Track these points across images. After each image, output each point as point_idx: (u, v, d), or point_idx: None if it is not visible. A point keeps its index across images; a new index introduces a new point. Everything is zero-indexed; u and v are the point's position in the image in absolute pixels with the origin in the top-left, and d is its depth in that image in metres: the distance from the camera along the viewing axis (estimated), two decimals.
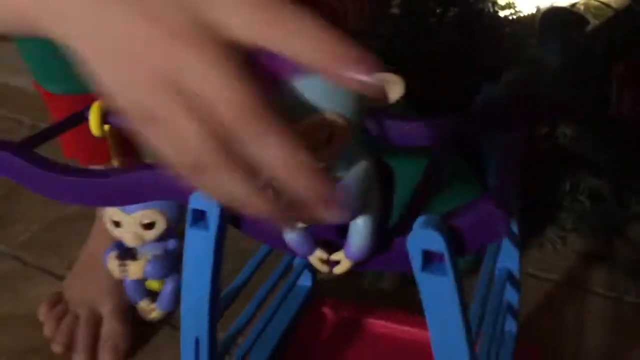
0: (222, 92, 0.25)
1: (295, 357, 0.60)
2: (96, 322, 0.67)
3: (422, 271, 0.35)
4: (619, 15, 0.81)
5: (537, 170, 0.73)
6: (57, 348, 0.65)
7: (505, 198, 0.35)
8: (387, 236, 0.36)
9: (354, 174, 0.33)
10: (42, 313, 0.69)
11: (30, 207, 0.93)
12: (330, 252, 0.38)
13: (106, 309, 0.68)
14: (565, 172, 0.75)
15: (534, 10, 0.89)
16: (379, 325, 0.62)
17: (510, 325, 0.58)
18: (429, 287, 0.36)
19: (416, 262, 0.35)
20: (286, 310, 0.63)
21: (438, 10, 0.87)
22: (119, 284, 0.67)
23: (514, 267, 0.55)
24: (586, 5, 0.91)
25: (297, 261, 0.63)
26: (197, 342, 0.44)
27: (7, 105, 1.25)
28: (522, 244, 0.55)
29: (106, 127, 0.50)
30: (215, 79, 0.25)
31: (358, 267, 0.38)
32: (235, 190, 0.27)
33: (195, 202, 0.39)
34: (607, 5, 0.89)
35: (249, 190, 0.27)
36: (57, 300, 0.70)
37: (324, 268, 0.38)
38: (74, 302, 0.69)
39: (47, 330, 0.67)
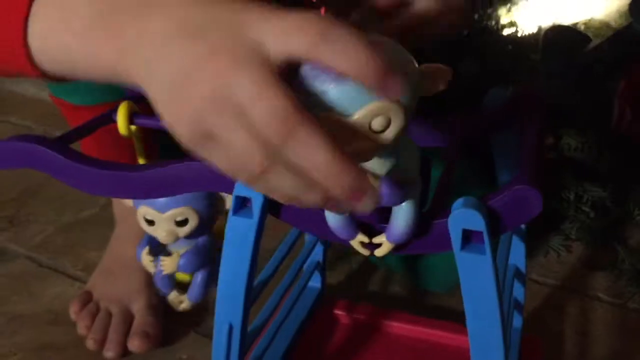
0: (272, 109, 0.28)
1: (307, 357, 0.62)
2: (128, 319, 0.68)
3: (462, 250, 0.37)
4: (621, 34, 0.84)
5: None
6: (91, 344, 0.66)
7: (537, 178, 0.38)
8: (424, 220, 0.39)
9: (408, 158, 0.35)
10: (74, 312, 0.70)
11: (44, 210, 0.95)
12: (371, 236, 0.40)
13: (138, 306, 0.69)
14: (570, 183, 0.78)
15: (535, 29, 0.93)
16: (390, 326, 0.63)
17: (517, 321, 0.60)
18: (468, 266, 0.38)
19: (456, 241, 0.37)
20: (298, 312, 0.64)
21: None
22: (149, 282, 0.69)
23: (521, 263, 0.57)
24: (587, 24, 0.96)
25: (307, 264, 0.64)
26: (230, 328, 0.45)
27: (16, 112, 1.28)
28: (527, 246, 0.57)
29: (132, 127, 0.52)
30: (266, 97, 0.28)
31: (397, 250, 0.40)
32: (289, 191, 0.31)
33: (240, 189, 0.40)
34: (607, 25, 0.94)
35: (301, 190, 0.30)
36: (87, 299, 0.71)
37: (364, 251, 0.40)
38: (105, 300, 0.70)
39: (81, 328, 0.68)
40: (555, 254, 0.79)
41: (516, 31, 0.93)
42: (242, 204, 0.41)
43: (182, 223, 0.48)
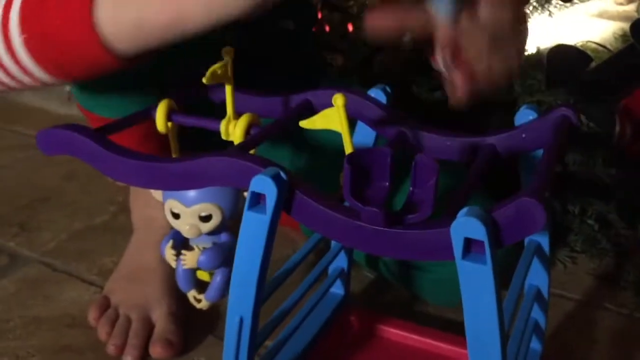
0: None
1: None
2: (148, 326, 0.69)
3: (463, 259, 0.38)
4: (622, 54, 0.86)
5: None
6: (112, 350, 0.67)
7: (543, 193, 0.38)
8: (427, 227, 0.39)
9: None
10: (93, 318, 0.71)
11: (57, 217, 0.96)
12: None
13: (158, 313, 0.70)
14: (575, 196, 0.80)
15: (535, 50, 0.97)
16: (404, 337, 0.64)
17: (535, 344, 0.59)
18: (468, 275, 0.38)
19: (457, 249, 0.38)
20: (316, 316, 0.65)
21: None
22: (170, 290, 0.72)
23: (543, 286, 0.57)
24: (583, 47, 0.97)
25: (331, 268, 0.66)
26: (241, 321, 0.46)
27: (21, 122, 1.32)
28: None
29: (169, 124, 0.55)
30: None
31: (402, 256, 0.41)
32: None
33: (256, 185, 0.42)
34: (604, 47, 0.95)
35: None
36: (105, 304, 0.72)
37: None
38: (125, 307, 0.71)
39: (101, 334, 0.69)
40: (562, 265, 0.81)
41: None
42: (257, 199, 0.43)
43: (206, 219, 0.50)
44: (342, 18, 1.08)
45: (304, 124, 0.48)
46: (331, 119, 0.47)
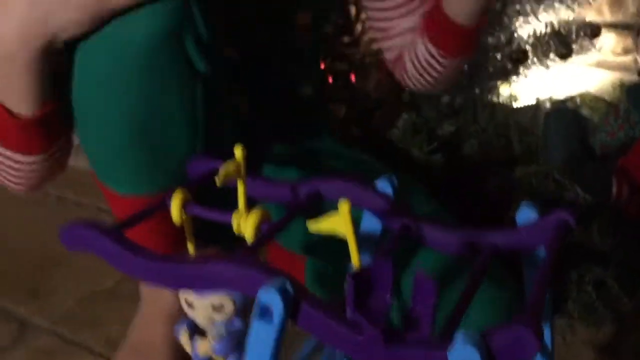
0: None
1: None
2: None
3: None
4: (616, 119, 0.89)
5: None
6: None
7: (537, 321, 0.40)
8: (425, 349, 0.41)
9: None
10: None
11: (65, 280, 0.97)
12: None
13: None
14: (572, 263, 0.81)
15: (534, 101, 1.00)
16: None
17: None
18: None
19: None
20: None
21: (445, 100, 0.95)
22: None
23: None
24: (582, 97, 0.99)
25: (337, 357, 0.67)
26: None
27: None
28: None
29: (184, 215, 0.57)
30: None
31: None
32: None
33: (263, 297, 0.45)
34: (602, 99, 0.97)
35: None
36: None
37: None
38: None
39: None
40: (560, 337, 0.82)
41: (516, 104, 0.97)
42: (265, 309, 0.45)
43: (219, 309, 0.52)
44: (346, 68, 1.10)
45: (311, 226, 0.50)
46: (337, 224, 0.49)
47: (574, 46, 1.06)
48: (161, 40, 0.59)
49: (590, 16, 1.27)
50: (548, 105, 1.01)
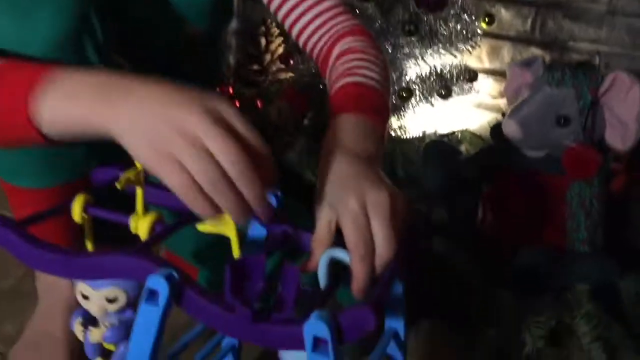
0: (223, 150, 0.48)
1: None
2: None
3: (312, 352, 0.48)
4: (485, 151, 1.02)
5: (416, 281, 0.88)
6: None
7: (378, 304, 0.49)
8: (290, 322, 0.49)
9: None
10: None
11: None
12: None
13: None
14: (438, 284, 0.89)
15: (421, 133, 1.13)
16: None
17: None
18: None
19: (308, 345, 0.48)
20: None
21: None
22: (74, 357, 0.77)
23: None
24: (462, 133, 1.14)
25: (224, 343, 0.74)
26: None
27: None
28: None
29: (85, 215, 0.63)
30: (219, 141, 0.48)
31: (257, 342, 0.50)
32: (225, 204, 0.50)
33: (151, 282, 0.51)
34: (479, 136, 1.12)
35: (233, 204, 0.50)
36: None
37: None
38: None
39: None
40: None
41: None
42: (152, 294, 0.52)
43: (112, 300, 0.58)
44: (253, 94, 1.19)
45: (200, 227, 0.58)
46: (222, 224, 0.57)
47: (454, 88, 1.20)
48: (60, 44, 0.62)
49: (471, 62, 1.43)
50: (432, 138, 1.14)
